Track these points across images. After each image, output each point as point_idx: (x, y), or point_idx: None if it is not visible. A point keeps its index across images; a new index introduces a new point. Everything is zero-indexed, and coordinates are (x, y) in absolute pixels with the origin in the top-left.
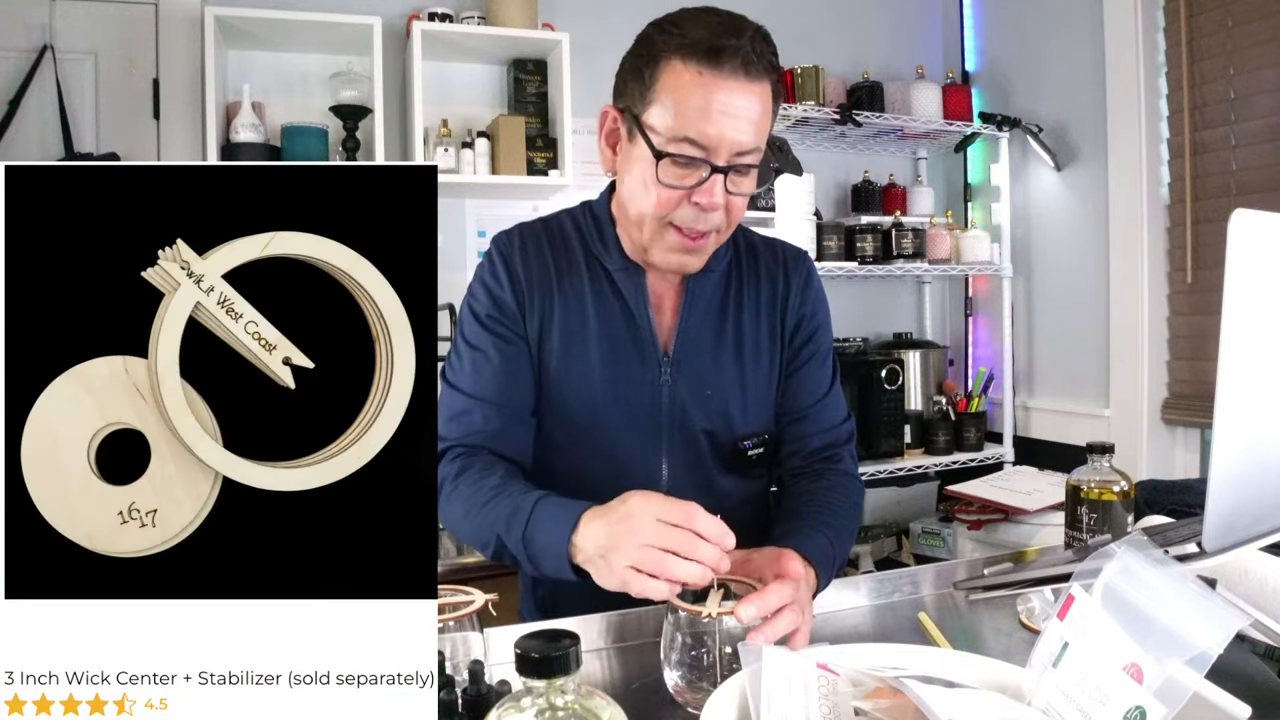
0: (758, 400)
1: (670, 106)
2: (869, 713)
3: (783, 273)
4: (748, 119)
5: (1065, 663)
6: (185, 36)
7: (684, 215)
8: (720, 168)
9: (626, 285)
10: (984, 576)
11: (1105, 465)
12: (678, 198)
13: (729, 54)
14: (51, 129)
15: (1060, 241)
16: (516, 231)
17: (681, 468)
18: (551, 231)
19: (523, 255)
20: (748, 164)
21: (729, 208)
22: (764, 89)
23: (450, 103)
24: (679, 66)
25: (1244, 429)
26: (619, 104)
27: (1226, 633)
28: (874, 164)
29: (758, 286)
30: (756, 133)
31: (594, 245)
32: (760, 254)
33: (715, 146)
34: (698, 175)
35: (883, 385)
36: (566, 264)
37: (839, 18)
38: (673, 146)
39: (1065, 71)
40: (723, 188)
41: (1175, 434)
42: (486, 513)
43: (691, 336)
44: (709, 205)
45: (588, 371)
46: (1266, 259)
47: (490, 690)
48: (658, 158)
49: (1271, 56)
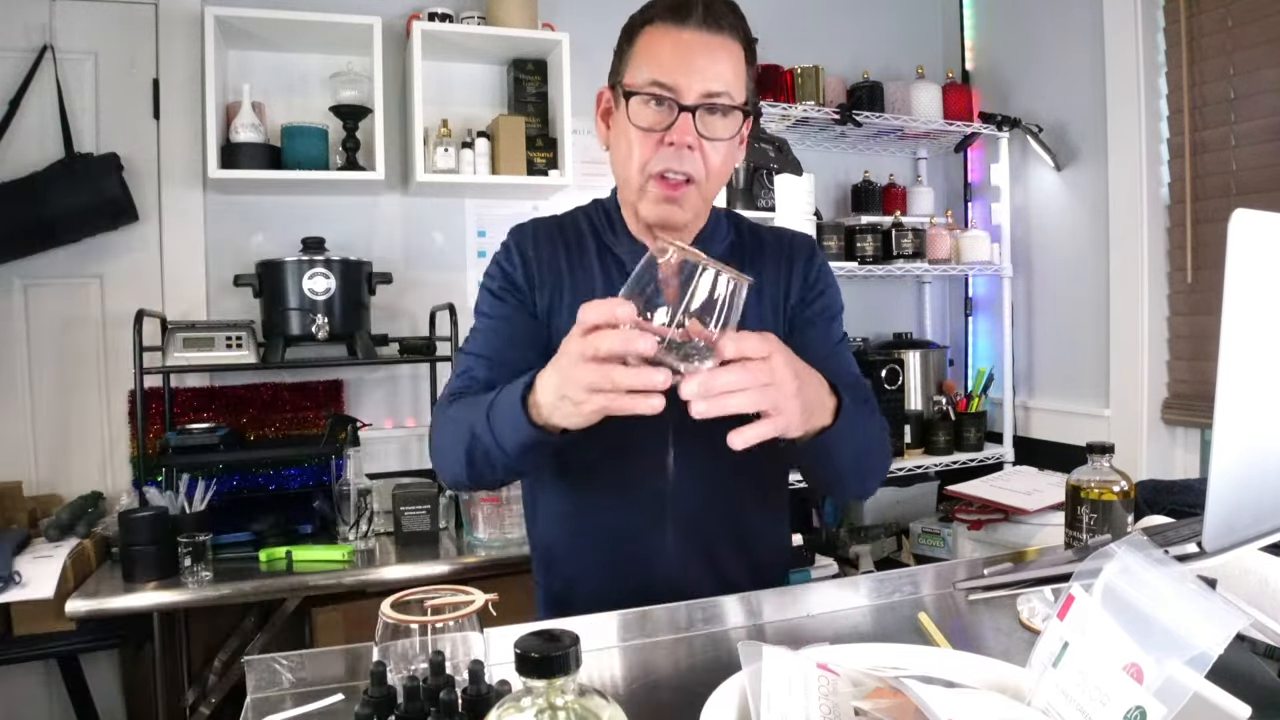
0: None
1: (643, 62)
2: (869, 713)
3: (786, 253)
4: (712, 66)
5: (1065, 663)
6: (185, 36)
7: (662, 159)
8: (688, 106)
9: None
10: (984, 576)
11: (1105, 465)
12: (654, 141)
13: (693, 9)
14: (51, 129)
15: (1060, 241)
16: (531, 223)
17: (689, 452)
18: (564, 224)
19: (534, 242)
20: (719, 104)
21: (705, 154)
22: (729, 43)
23: (450, 103)
24: (650, 30)
25: (1244, 429)
26: (610, 82)
27: (1227, 633)
28: (874, 164)
29: (760, 267)
30: (723, 80)
31: (605, 235)
32: (764, 238)
33: (681, 87)
34: (669, 116)
35: (883, 385)
36: (579, 252)
37: (839, 18)
38: (644, 90)
39: (1065, 71)
40: (693, 127)
41: (1175, 434)
42: (463, 416)
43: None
44: (680, 143)
45: None
46: (1266, 259)
47: (490, 690)
48: (627, 97)
49: (1271, 56)
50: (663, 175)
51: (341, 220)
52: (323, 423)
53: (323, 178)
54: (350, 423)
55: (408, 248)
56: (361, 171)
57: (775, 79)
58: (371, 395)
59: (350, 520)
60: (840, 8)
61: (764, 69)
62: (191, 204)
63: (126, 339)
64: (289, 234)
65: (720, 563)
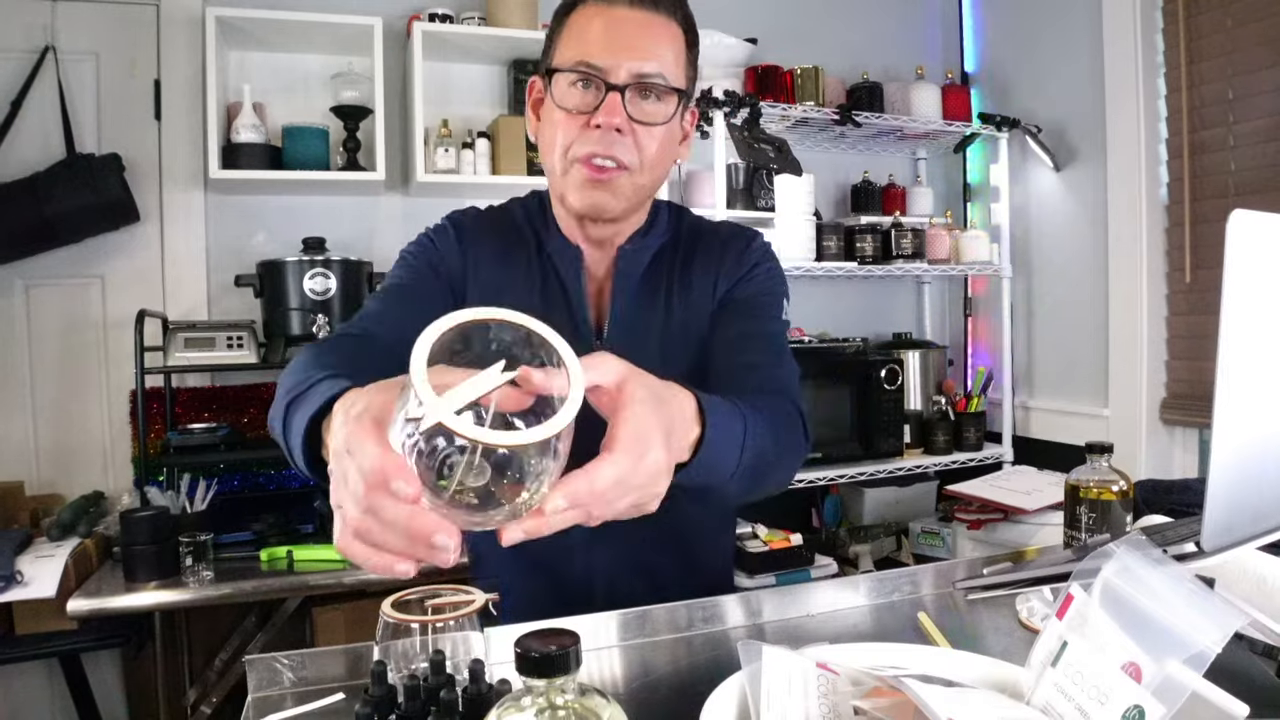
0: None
1: (571, 42)
2: (868, 712)
3: (719, 247)
4: (645, 46)
5: (1064, 662)
6: (186, 37)
7: (588, 141)
8: (615, 85)
9: (563, 264)
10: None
11: (1104, 465)
12: (580, 123)
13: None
14: (53, 130)
15: (1059, 242)
16: (471, 210)
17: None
18: (500, 214)
19: (474, 229)
20: (651, 84)
21: (637, 138)
22: (666, 23)
23: (451, 103)
24: (581, 10)
25: (1242, 429)
26: (540, 69)
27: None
28: (873, 164)
29: (691, 264)
30: (657, 61)
31: (538, 226)
32: (702, 235)
33: (610, 67)
34: (596, 97)
35: (882, 385)
36: (515, 245)
37: (839, 18)
38: (570, 69)
39: (1064, 72)
40: (622, 108)
41: (1174, 434)
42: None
43: (623, 316)
44: (607, 124)
45: None
46: (1265, 259)
47: (490, 690)
48: (551, 75)
49: (1270, 57)
50: (590, 159)
51: (342, 220)
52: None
53: (323, 178)
54: None
55: None
56: (362, 172)
57: (775, 79)
58: None
59: None
60: (840, 8)
61: (764, 69)
62: (193, 204)
63: (128, 339)
64: (290, 234)
65: (654, 570)
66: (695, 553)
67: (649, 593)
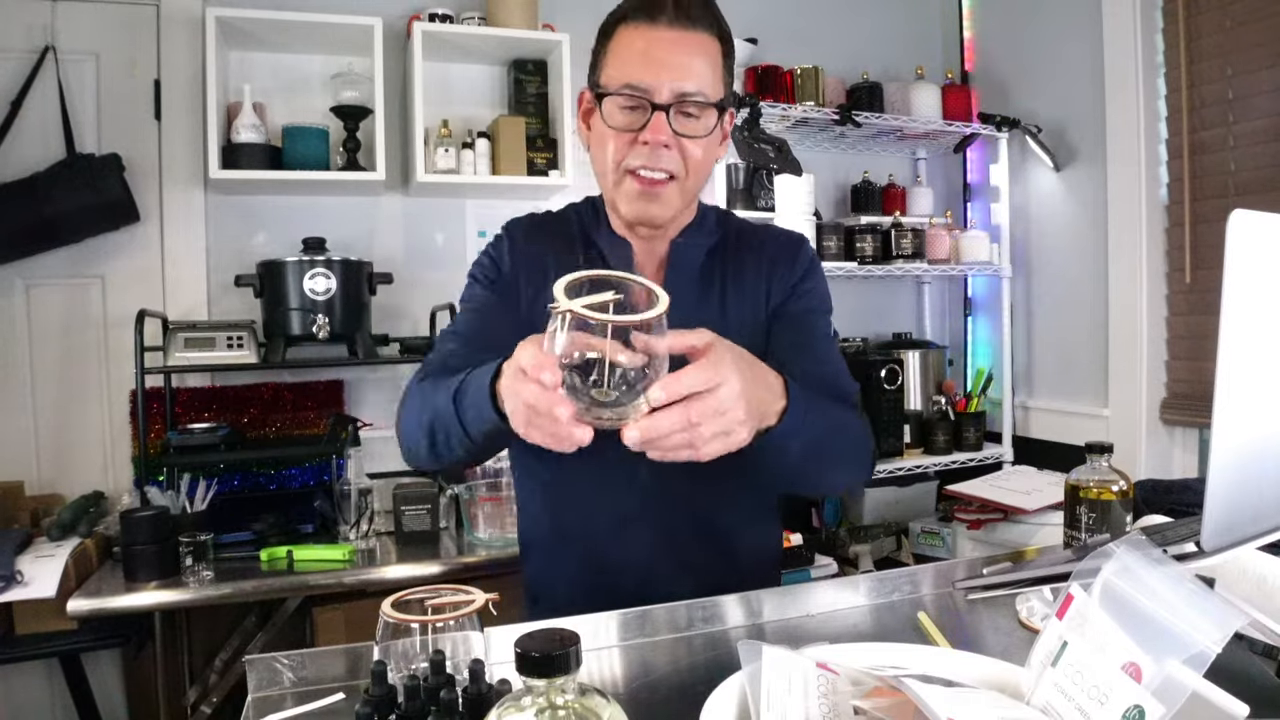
0: None
1: (616, 62)
2: (868, 712)
3: (770, 251)
4: (685, 64)
5: (1064, 662)
6: (186, 37)
7: (638, 156)
8: (660, 105)
9: (614, 258)
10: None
11: (1104, 465)
12: (629, 140)
13: (664, 7)
14: (53, 130)
15: (1059, 242)
16: (525, 217)
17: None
18: (554, 218)
19: (525, 234)
20: (693, 102)
21: (683, 151)
22: (704, 39)
23: (451, 103)
24: (623, 30)
25: (1242, 429)
26: (588, 83)
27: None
28: (873, 164)
29: (743, 264)
30: (698, 79)
31: (590, 228)
32: (749, 237)
33: (654, 87)
34: (643, 117)
35: (882, 385)
36: (564, 244)
37: (839, 18)
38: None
39: (1064, 72)
40: (667, 125)
41: (1174, 434)
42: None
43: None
44: (654, 141)
45: None
46: (1265, 259)
47: (490, 690)
48: (600, 99)
49: (1270, 57)
50: (639, 172)
51: (342, 220)
52: (323, 423)
53: (323, 178)
54: (351, 422)
55: (408, 248)
56: (362, 172)
57: (775, 79)
58: (372, 395)
59: (351, 520)
60: (840, 8)
61: (764, 69)
62: (193, 204)
63: (128, 339)
64: (290, 234)
65: (697, 568)
66: (736, 551)
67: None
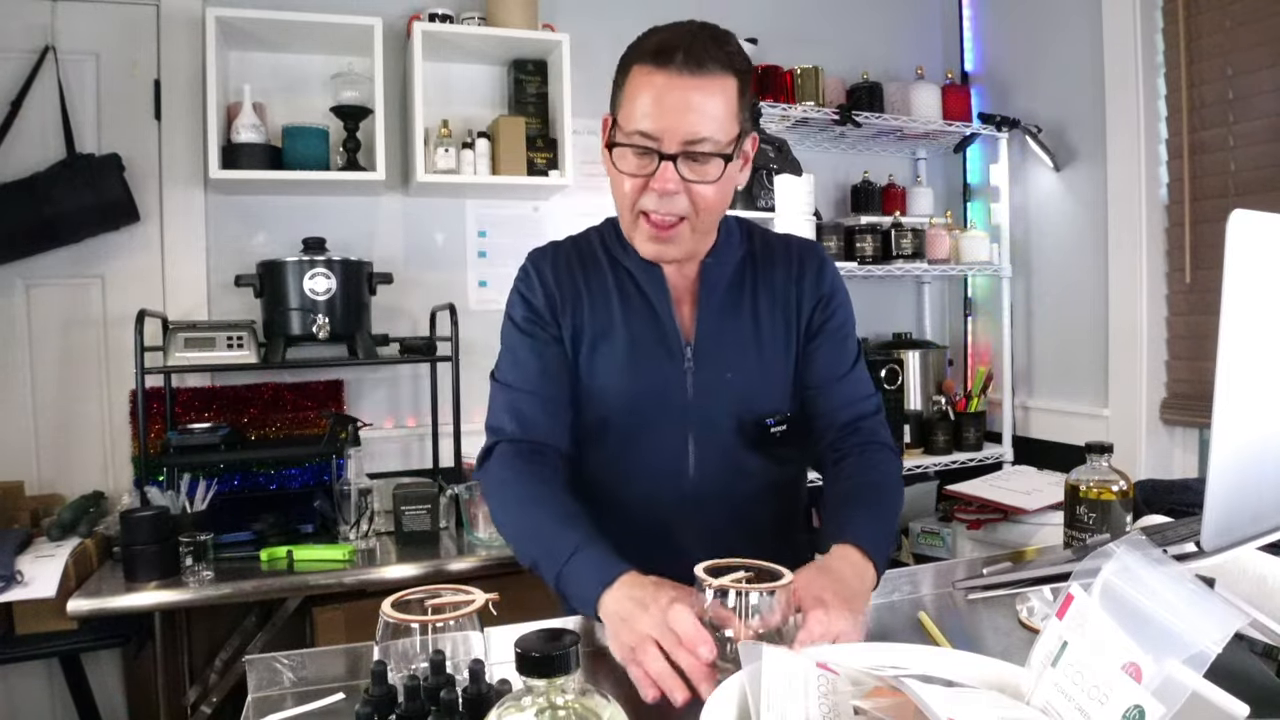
0: (777, 381)
1: (630, 106)
2: (869, 712)
3: (796, 260)
4: (696, 111)
5: (1064, 662)
6: (186, 37)
7: (649, 202)
8: (667, 155)
9: (647, 282)
10: (983, 576)
11: (1104, 465)
12: (639, 185)
13: (675, 53)
14: (53, 130)
15: (1059, 242)
16: (549, 246)
17: (708, 451)
18: (578, 244)
19: (553, 265)
20: (701, 152)
21: (693, 195)
22: (717, 81)
23: (451, 103)
24: (637, 71)
25: (1242, 429)
26: (609, 111)
27: (1225, 632)
28: (873, 164)
29: (772, 274)
30: (706, 125)
31: (615, 250)
32: (774, 246)
33: (662, 136)
34: (653, 163)
35: (882, 385)
36: (594, 269)
37: (839, 18)
38: (627, 139)
39: (1064, 72)
40: (675, 173)
41: (1174, 434)
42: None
43: (711, 324)
44: (662, 190)
45: (617, 365)
46: (1265, 259)
47: (490, 690)
48: (610, 148)
49: (1270, 57)
50: (651, 215)
51: (342, 220)
52: (323, 423)
53: (323, 178)
54: (351, 422)
55: (408, 248)
56: (362, 172)
57: (775, 79)
58: (372, 395)
59: (351, 520)
60: (840, 8)
61: (764, 69)
62: (193, 204)
63: (128, 339)
64: (290, 234)
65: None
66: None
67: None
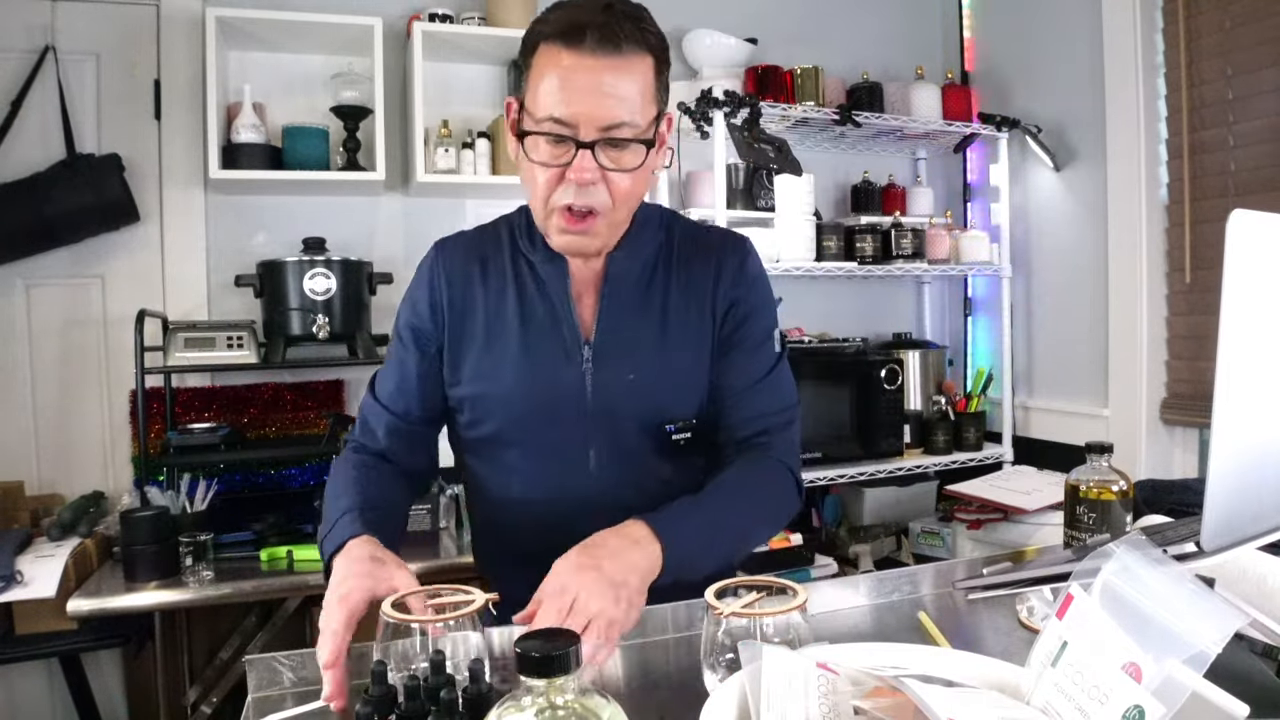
0: (687, 384)
1: (539, 89)
2: (869, 712)
3: (715, 258)
4: (612, 94)
5: (1064, 662)
6: (186, 37)
7: (565, 194)
8: (584, 143)
9: (549, 275)
10: (983, 576)
11: (1104, 465)
12: (554, 176)
13: (588, 31)
14: (53, 130)
15: (1059, 242)
16: (455, 237)
17: (609, 455)
18: (484, 233)
19: (449, 257)
20: (619, 138)
21: (610, 184)
22: (632, 61)
23: (451, 103)
24: (545, 50)
25: (1242, 429)
26: (514, 94)
27: (1225, 632)
28: (873, 164)
29: (687, 271)
30: (624, 108)
31: (521, 241)
32: (695, 240)
33: (578, 123)
34: (568, 152)
35: (882, 385)
36: (495, 262)
37: (839, 18)
38: (539, 126)
39: (1064, 72)
40: (594, 162)
41: (1174, 434)
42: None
43: (613, 321)
44: (580, 180)
45: (509, 362)
46: (1265, 259)
47: (490, 690)
48: (520, 137)
49: (1270, 57)
50: (567, 209)
51: (342, 220)
52: (323, 422)
53: (323, 178)
54: (351, 422)
55: (408, 248)
56: (362, 172)
57: (775, 79)
58: None
59: None
60: (840, 8)
61: (764, 69)
62: (193, 204)
63: (128, 339)
64: (290, 234)
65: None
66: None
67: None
